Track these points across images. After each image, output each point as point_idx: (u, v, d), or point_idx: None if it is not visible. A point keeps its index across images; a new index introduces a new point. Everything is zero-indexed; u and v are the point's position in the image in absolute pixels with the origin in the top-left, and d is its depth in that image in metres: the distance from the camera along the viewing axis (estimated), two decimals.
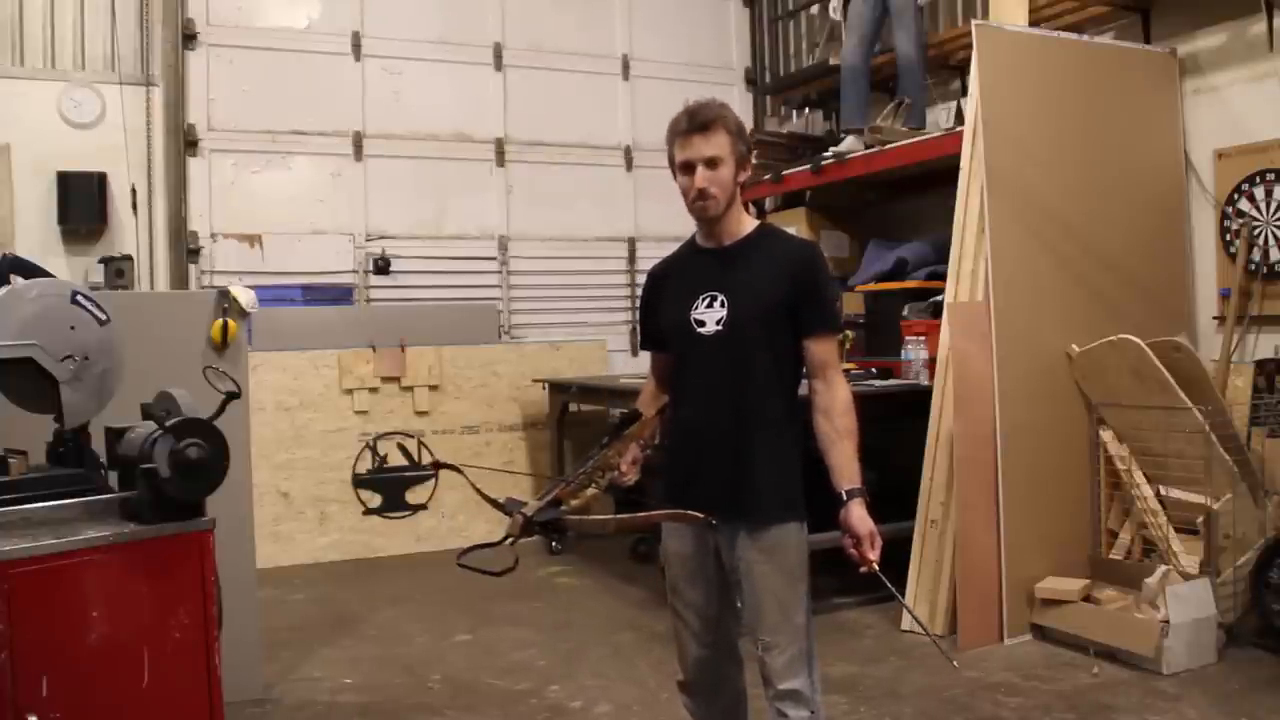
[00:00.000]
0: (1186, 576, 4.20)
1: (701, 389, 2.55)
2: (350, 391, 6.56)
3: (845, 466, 2.45)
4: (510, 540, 2.24)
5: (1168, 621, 3.97)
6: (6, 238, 6.22)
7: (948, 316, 4.66)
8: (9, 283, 2.94)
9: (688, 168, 2.49)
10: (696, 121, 2.47)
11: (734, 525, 2.49)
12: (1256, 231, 4.91)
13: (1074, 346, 4.66)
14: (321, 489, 6.44)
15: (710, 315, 2.51)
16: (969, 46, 4.98)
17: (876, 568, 2.40)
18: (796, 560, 2.50)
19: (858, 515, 2.41)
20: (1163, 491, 4.47)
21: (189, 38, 6.79)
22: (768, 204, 7.48)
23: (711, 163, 2.47)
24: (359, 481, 6.55)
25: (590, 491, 2.38)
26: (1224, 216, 5.06)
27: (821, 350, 2.51)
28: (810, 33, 7.85)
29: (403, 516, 6.62)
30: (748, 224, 2.60)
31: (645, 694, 3.94)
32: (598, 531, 2.62)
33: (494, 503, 2.32)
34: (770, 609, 2.47)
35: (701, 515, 2.30)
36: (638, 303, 7.75)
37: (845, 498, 2.42)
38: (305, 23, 7.14)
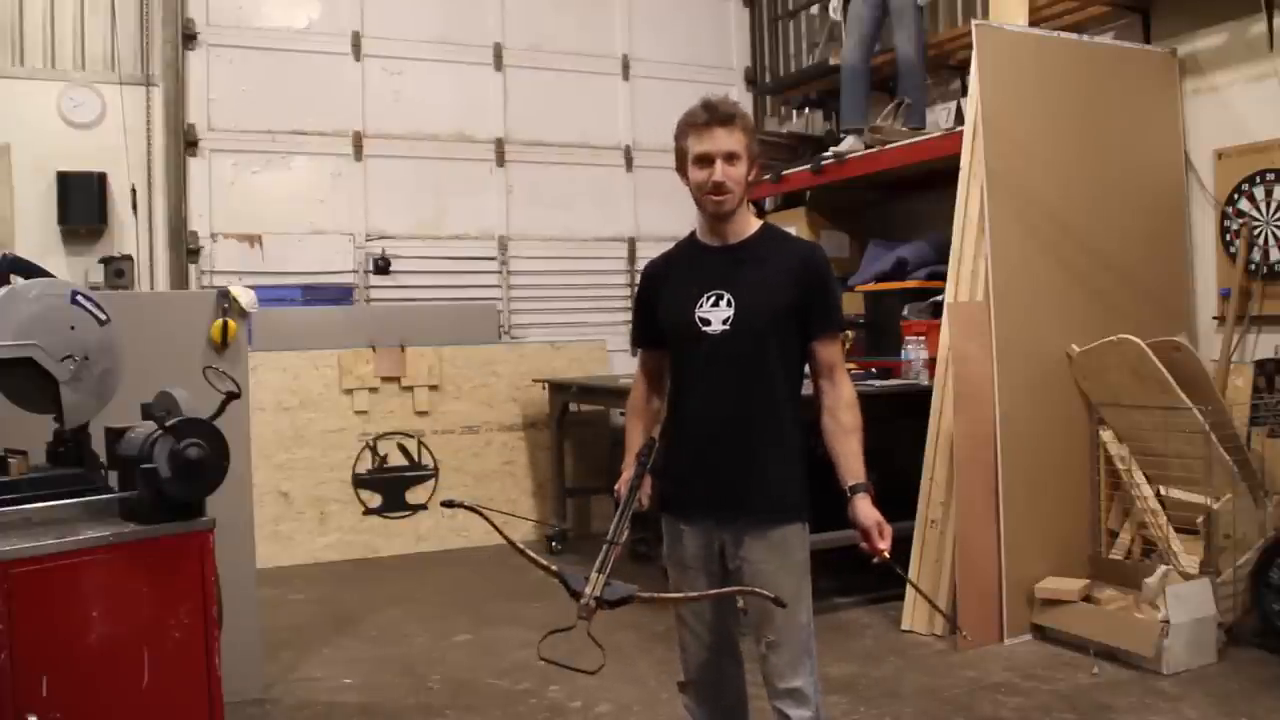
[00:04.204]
0: (1186, 576, 4.20)
1: (706, 389, 2.54)
2: (350, 391, 6.55)
3: (851, 462, 2.47)
4: (586, 623, 2.34)
5: (1168, 621, 3.97)
6: (6, 238, 6.21)
7: (948, 316, 4.66)
8: (9, 283, 2.94)
9: (705, 160, 2.46)
10: (718, 115, 2.45)
11: (739, 525, 2.50)
12: (1256, 231, 4.91)
13: (1074, 346, 4.66)
14: (321, 489, 6.44)
15: (716, 314, 2.49)
16: (969, 46, 4.98)
17: (888, 556, 2.42)
18: (800, 559, 2.51)
19: (863, 509, 2.43)
20: (1163, 491, 4.48)
21: (189, 38, 6.79)
22: (768, 204, 7.48)
23: (730, 158, 2.45)
24: (359, 481, 6.56)
25: (626, 534, 2.41)
26: (1224, 216, 5.06)
27: (828, 351, 2.53)
28: (810, 33, 7.84)
29: (403, 516, 6.63)
30: (752, 224, 2.59)
31: (645, 694, 3.94)
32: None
33: (553, 573, 2.37)
34: (776, 608, 2.47)
35: (769, 594, 2.26)
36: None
37: (850, 494, 2.44)
38: (305, 23, 7.14)
